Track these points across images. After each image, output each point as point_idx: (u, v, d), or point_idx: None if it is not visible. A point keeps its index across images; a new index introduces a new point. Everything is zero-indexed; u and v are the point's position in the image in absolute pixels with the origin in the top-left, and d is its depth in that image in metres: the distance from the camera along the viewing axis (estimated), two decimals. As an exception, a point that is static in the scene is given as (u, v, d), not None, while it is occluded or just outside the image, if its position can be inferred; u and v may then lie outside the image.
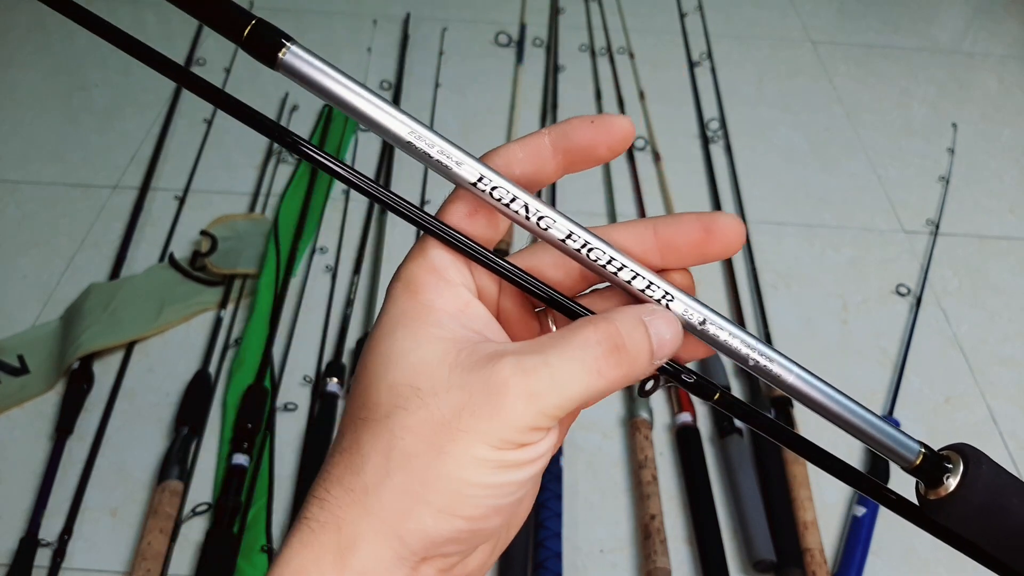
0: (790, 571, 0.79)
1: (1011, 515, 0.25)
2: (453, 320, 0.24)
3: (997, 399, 1.00)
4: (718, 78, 1.51)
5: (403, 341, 0.24)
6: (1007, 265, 1.20)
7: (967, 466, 0.26)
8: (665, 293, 0.25)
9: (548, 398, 0.22)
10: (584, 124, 0.25)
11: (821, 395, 0.26)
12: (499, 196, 0.24)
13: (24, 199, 1.19)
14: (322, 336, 1.00)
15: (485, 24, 1.62)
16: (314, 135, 1.29)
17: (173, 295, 1.02)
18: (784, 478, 0.86)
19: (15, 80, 1.43)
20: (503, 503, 0.23)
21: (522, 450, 0.23)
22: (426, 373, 0.23)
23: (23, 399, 0.91)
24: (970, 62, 1.70)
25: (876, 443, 0.26)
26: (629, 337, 0.23)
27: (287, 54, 0.22)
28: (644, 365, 0.24)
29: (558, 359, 0.23)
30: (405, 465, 0.22)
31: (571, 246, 0.25)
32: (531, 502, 0.28)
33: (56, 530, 0.80)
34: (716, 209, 1.23)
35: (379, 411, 0.23)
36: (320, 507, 0.23)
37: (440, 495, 0.22)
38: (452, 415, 0.22)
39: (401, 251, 1.08)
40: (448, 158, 0.24)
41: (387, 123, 0.23)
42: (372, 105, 0.23)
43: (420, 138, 0.24)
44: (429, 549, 0.23)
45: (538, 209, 0.24)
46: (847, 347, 1.06)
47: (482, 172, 0.24)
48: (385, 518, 0.22)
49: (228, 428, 0.89)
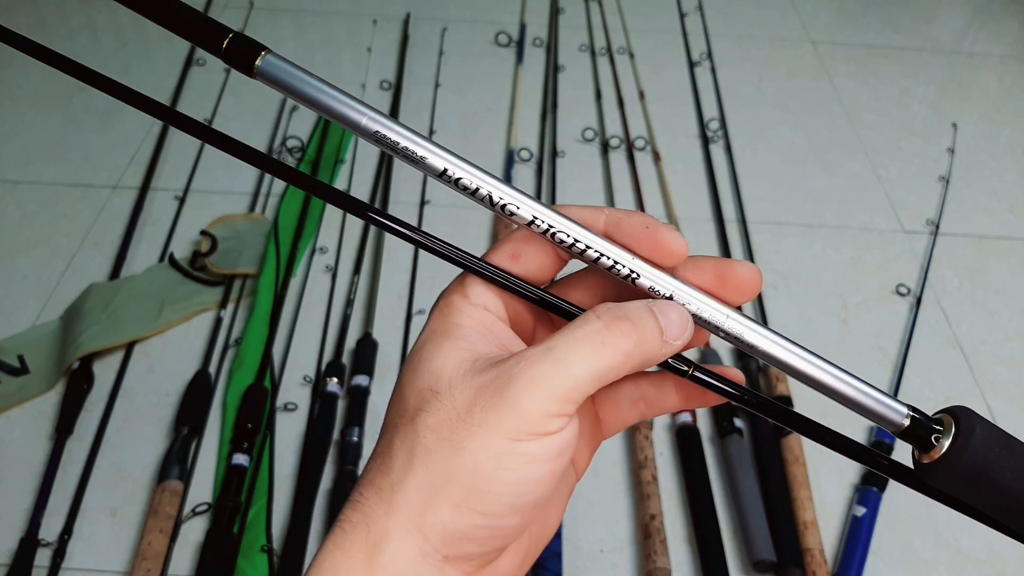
0: (790, 571, 0.79)
1: (1006, 472, 0.25)
2: (477, 335, 0.26)
3: (997, 399, 1.00)
4: (718, 78, 1.51)
5: (429, 352, 0.25)
6: (1007, 265, 1.20)
7: (959, 427, 0.25)
8: (631, 271, 0.26)
9: (553, 379, 0.23)
10: (639, 227, 0.26)
11: (801, 361, 0.26)
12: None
13: (24, 199, 1.19)
14: (322, 336, 1.00)
15: (485, 24, 1.62)
16: (313, 136, 1.29)
17: (173, 295, 1.02)
18: (784, 478, 0.86)
19: (15, 80, 1.43)
20: (520, 502, 0.23)
21: (539, 441, 0.23)
22: (444, 377, 0.24)
23: (23, 399, 0.91)
24: (970, 62, 1.70)
25: (863, 408, 0.26)
26: (631, 310, 0.24)
27: (262, 61, 0.24)
28: (654, 338, 0.24)
29: (561, 341, 0.24)
30: (426, 460, 0.23)
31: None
32: (557, 515, 0.29)
33: (56, 530, 0.80)
34: (718, 211, 1.23)
35: (407, 415, 0.25)
36: (353, 509, 0.24)
37: (458, 489, 0.23)
38: (466, 410, 0.23)
39: (401, 251, 1.08)
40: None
41: (357, 120, 0.25)
42: (343, 104, 0.25)
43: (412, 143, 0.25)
44: (449, 546, 0.23)
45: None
46: (847, 347, 1.06)
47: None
48: (408, 513, 0.23)
49: (228, 428, 0.89)
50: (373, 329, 1.00)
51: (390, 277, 1.09)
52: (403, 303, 1.05)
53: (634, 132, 1.35)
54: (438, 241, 0.26)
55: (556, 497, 0.29)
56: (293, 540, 0.79)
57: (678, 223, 1.19)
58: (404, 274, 1.09)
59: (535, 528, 0.28)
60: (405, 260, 1.11)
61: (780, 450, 0.89)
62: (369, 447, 0.88)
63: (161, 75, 1.43)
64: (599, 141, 1.35)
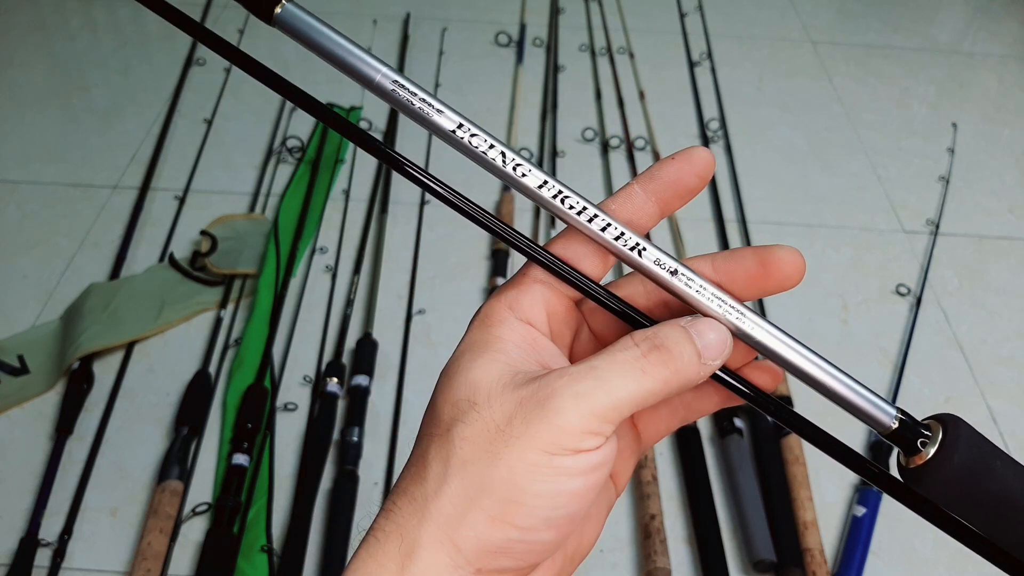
0: (790, 571, 0.79)
1: (991, 483, 0.25)
2: (518, 350, 0.26)
3: (997, 399, 1.00)
4: (718, 78, 1.51)
5: (467, 363, 0.25)
6: (1007, 265, 1.20)
7: (946, 433, 0.25)
8: (637, 243, 0.26)
9: (596, 398, 0.23)
10: (666, 162, 0.27)
11: (792, 352, 0.25)
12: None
13: (24, 199, 1.19)
14: (322, 336, 1.00)
15: (485, 24, 1.62)
16: (313, 136, 1.29)
17: (173, 295, 1.02)
18: (784, 478, 0.86)
19: (15, 80, 1.43)
20: (555, 515, 0.23)
21: (576, 457, 0.23)
22: (484, 389, 0.24)
23: (23, 399, 0.91)
24: (970, 62, 1.70)
25: (851, 406, 0.26)
26: (668, 337, 0.24)
27: (282, 9, 0.24)
28: (691, 364, 0.24)
29: (603, 362, 0.24)
30: (462, 471, 0.23)
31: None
32: (594, 532, 0.28)
33: (56, 530, 0.80)
34: (718, 211, 1.23)
35: (442, 425, 0.24)
36: (387, 518, 0.24)
37: (494, 501, 0.23)
38: (505, 422, 0.23)
39: (401, 251, 1.08)
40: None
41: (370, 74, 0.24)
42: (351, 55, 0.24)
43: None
44: (483, 559, 0.23)
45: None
46: (847, 347, 1.06)
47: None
48: (442, 524, 0.23)
49: (228, 428, 0.89)
50: (373, 329, 1.00)
51: (390, 277, 1.09)
52: (403, 303, 1.05)
53: (634, 132, 1.35)
54: (512, 230, 0.26)
55: (594, 514, 0.28)
56: (293, 540, 0.79)
57: (678, 223, 1.19)
58: (404, 274, 1.09)
59: (571, 544, 0.27)
60: (405, 260, 1.11)
61: (780, 450, 0.89)
62: (369, 447, 0.88)
63: (161, 75, 1.43)
64: (599, 141, 1.35)
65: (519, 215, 1.19)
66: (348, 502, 0.83)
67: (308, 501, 0.82)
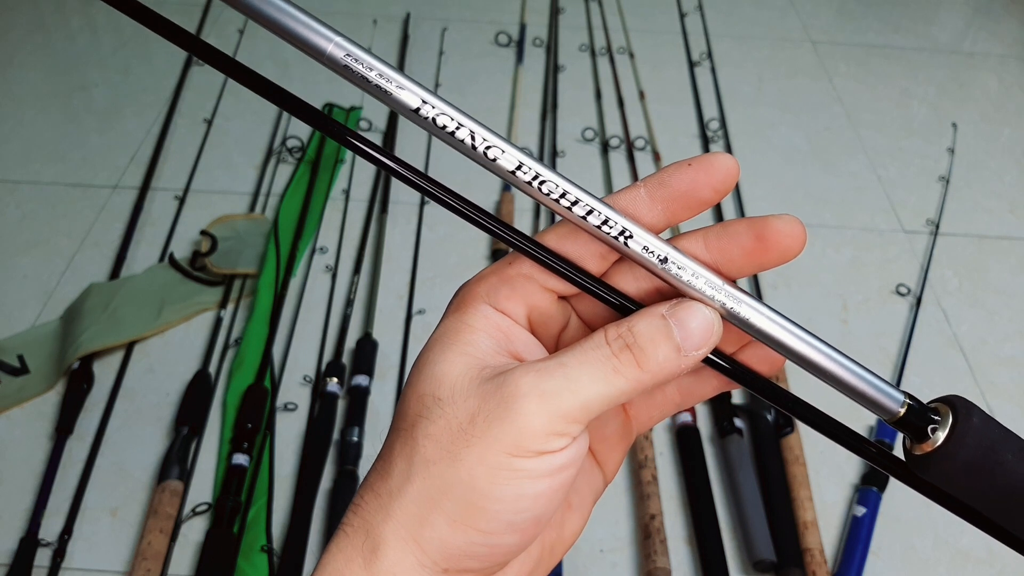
0: (790, 571, 0.79)
1: (1003, 470, 0.23)
2: (490, 340, 0.24)
3: (997, 399, 1.00)
4: (718, 78, 1.51)
5: (436, 355, 0.24)
6: (1007, 265, 1.20)
7: (956, 419, 0.24)
8: (624, 229, 0.23)
9: (563, 397, 0.22)
10: (681, 168, 0.24)
11: (792, 337, 0.24)
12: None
13: (24, 199, 1.19)
14: (322, 336, 1.00)
15: (485, 24, 1.62)
16: (313, 136, 1.29)
17: (173, 295, 1.02)
18: (784, 478, 0.86)
19: (15, 80, 1.43)
20: (519, 519, 0.22)
21: (540, 458, 0.22)
22: (448, 383, 0.23)
23: (23, 399, 0.91)
24: (970, 62, 1.70)
25: (856, 392, 0.24)
26: (641, 334, 0.23)
27: None
28: (667, 361, 0.23)
29: (573, 359, 0.22)
30: (424, 471, 0.22)
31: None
32: (577, 523, 0.27)
33: (56, 530, 0.80)
34: (717, 211, 1.23)
35: (408, 420, 0.24)
36: (355, 513, 0.23)
37: (455, 503, 0.22)
38: (468, 420, 0.22)
39: (401, 251, 1.08)
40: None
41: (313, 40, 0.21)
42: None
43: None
44: (448, 561, 0.22)
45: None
46: (847, 347, 1.04)
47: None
48: (405, 523, 0.22)
49: (228, 428, 0.89)
50: (373, 329, 1.00)
51: (390, 277, 1.09)
52: (403, 303, 1.05)
53: (634, 132, 1.35)
54: (494, 219, 0.24)
55: (577, 504, 0.27)
56: (293, 540, 0.79)
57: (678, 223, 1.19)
58: (404, 274, 1.09)
59: (549, 536, 0.26)
60: (405, 260, 1.11)
61: (780, 450, 0.89)
62: (369, 447, 0.88)
63: (161, 75, 1.42)
64: (599, 141, 1.35)
65: (519, 215, 1.19)
66: (348, 502, 0.83)
67: (308, 501, 0.82)
